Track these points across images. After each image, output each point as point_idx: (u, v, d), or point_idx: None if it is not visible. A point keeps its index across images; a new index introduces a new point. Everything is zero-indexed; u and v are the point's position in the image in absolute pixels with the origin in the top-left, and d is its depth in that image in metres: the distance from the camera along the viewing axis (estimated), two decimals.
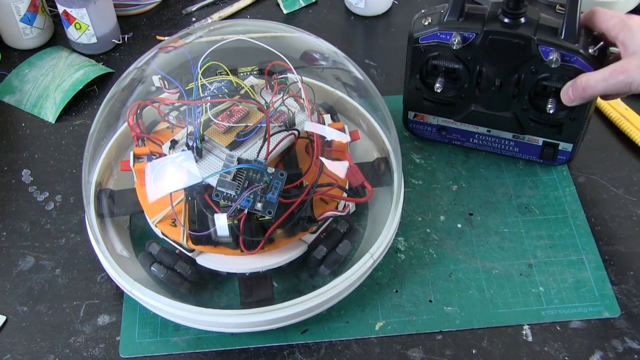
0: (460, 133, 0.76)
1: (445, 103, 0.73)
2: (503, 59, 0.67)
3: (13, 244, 0.72)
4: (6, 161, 0.80)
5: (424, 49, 0.69)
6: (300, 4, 0.99)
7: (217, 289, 0.67)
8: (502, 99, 0.70)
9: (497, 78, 0.68)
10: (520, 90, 0.69)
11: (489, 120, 0.73)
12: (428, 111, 0.75)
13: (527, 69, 0.67)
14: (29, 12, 0.90)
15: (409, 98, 0.75)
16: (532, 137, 0.73)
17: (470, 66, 0.69)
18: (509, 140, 0.74)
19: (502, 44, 0.66)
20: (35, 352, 0.64)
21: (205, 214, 0.61)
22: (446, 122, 0.75)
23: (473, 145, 0.76)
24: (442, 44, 0.68)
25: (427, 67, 0.71)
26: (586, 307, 0.66)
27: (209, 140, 0.64)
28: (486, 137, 0.75)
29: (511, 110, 0.71)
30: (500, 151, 0.76)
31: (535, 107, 0.70)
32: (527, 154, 0.75)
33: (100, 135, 0.72)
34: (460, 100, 0.72)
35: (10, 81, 0.88)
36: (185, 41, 0.72)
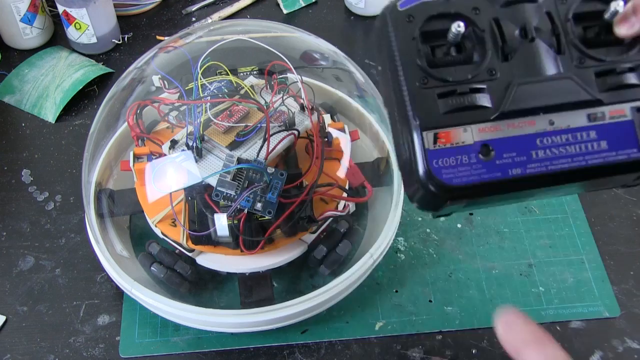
0: (514, 146, 0.43)
1: (476, 90, 0.43)
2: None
3: (13, 244, 0.72)
4: (6, 161, 0.80)
5: (411, 17, 0.44)
6: (300, 4, 0.99)
7: (217, 289, 0.67)
8: (544, 57, 0.44)
9: (524, 22, 0.44)
10: (563, 32, 0.44)
11: (544, 97, 0.43)
12: (454, 120, 0.42)
13: (553, 2, 0.45)
14: (29, 12, 0.90)
15: (418, 108, 0.42)
16: (615, 109, 0.43)
17: (482, 22, 0.44)
18: (586, 130, 0.43)
19: None
20: (35, 352, 0.64)
21: (205, 214, 0.61)
22: (485, 131, 0.42)
23: (538, 168, 0.42)
24: (431, 3, 0.44)
25: (420, 46, 0.44)
26: (586, 307, 0.66)
27: (208, 140, 0.64)
28: (553, 138, 0.43)
29: (564, 72, 0.43)
30: (584, 161, 0.42)
31: (589, 46, 0.44)
32: (621, 147, 0.43)
33: (100, 135, 0.72)
34: (488, 79, 0.43)
35: (10, 81, 0.88)
36: (185, 41, 0.72)
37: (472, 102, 0.42)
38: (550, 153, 0.42)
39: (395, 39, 0.44)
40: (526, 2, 0.44)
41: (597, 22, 0.44)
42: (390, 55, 0.44)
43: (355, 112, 0.76)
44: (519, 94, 0.42)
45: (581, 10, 0.44)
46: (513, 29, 0.44)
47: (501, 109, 0.42)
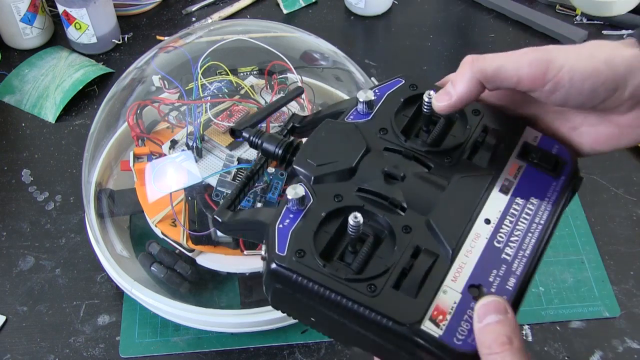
0: (488, 264, 0.39)
1: (413, 266, 0.39)
2: (345, 161, 0.42)
3: (13, 244, 0.72)
4: (6, 161, 0.80)
5: (302, 251, 0.39)
6: (300, 4, 0.99)
7: (217, 289, 0.67)
8: (427, 182, 0.42)
9: (384, 174, 0.42)
10: (413, 153, 0.43)
11: (463, 210, 0.41)
12: (427, 298, 0.38)
13: (379, 141, 0.44)
14: (29, 12, 0.90)
15: (396, 317, 0.37)
16: (509, 168, 0.43)
17: (356, 201, 0.41)
18: (512, 201, 0.42)
19: (330, 146, 0.43)
20: (35, 352, 0.64)
21: (205, 214, 0.61)
22: (456, 277, 0.39)
23: (525, 267, 0.40)
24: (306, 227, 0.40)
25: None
26: (586, 307, 0.66)
27: (209, 140, 0.64)
28: (507, 228, 0.41)
29: (447, 180, 0.42)
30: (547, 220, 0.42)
31: (438, 146, 0.44)
32: (544, 188, 0.42)
33: (100, 135, 0.72)
34: (411, 236, 0.40)
35: (10, 81, 0.88)
36: (185, 41, 0.72)
37: (421, 273, 0.38)
38: (517, 244, 0.40)
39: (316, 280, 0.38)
40: (368, 162, 0.42)
41: (422, 124, 0.44)
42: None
43: None
44: (443, 224, 0.40)
45: (404, 124, 0.44)
46: (385, 186, 0.41)
47: (452, 251, 0.39)
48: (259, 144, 0.45)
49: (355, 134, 0.44)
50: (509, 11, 0.95)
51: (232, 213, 0.43)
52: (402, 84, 0.46)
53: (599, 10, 0.90)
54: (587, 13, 0.92)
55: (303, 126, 0.47)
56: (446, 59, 0.90)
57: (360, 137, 0.43)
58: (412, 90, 0.45)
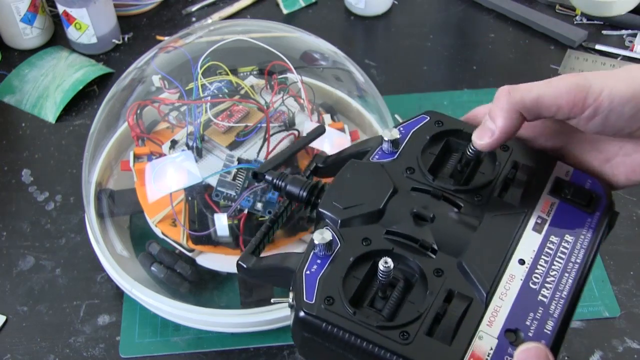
0: (524, 306, 0.39)
1: (457, 310, 0.38)
2: (371, 204, 0.42)
3: (13, 244, 0.72)
4: (6, 161, 0.80)
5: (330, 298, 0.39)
6: (300, 4, 0.99)
7: (217, 289, 0.67)
8: (456, 222, 0.41)
9: (413, 214, 0.41)
10: (441, 192, 0.42)
11: (496, 251, 0.40)
12: (464, 341, 0.37)
13: (408, 182, 0.43)
14: (29, 12, 0.90)
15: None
16: (541, 207, 0.42)
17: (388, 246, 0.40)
18: (545, 240, 0.41)
19: (358, 188, 0.43)
20: (35, 352, 0.64)
21: (205, 214, 0.61)
22: (492, 322, 0.38)
23: (559, 302, 0.41)
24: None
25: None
26: (586, 307, 0.66)
27: (209, 140, 0.64)
28: (538, 270, 0.40)
29: (479, 219, 0.41)
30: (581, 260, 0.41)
31: (470, 185, 0.43)
32: (578, 226, 0.41)
33: (100, 135, 0.72)
34: (443, 282, 0.39)
35: (10, 81, 0.88)
36: (185, 41, 0.72)
37: (455, 318, 0.37)
38: (553, 285, 0.39)
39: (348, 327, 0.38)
40: (396, 203, 0.41)
41: (450, 162, 0.43)
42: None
43: (355, 112, 0.76)
44: (476, 266, 0.39)
45: (431, 163, 0.43)
46: (414, 228, 0.40)
47: (486, 295, 0.38)
48: (283, 186, 0.44)
49: (382, 174, 0.43)
50: (509, 11, 0.95)
51: (257, 258, 0.42)
52: (427, 120, 0.45)
53: (599, 10, 0.90)
54: (587, 13, 0.92)
55: (327, 166, 0.46)
56: (446, 59, 0.90)
57: (387, 178, 0.42)
58: (438, 127, 0.45)
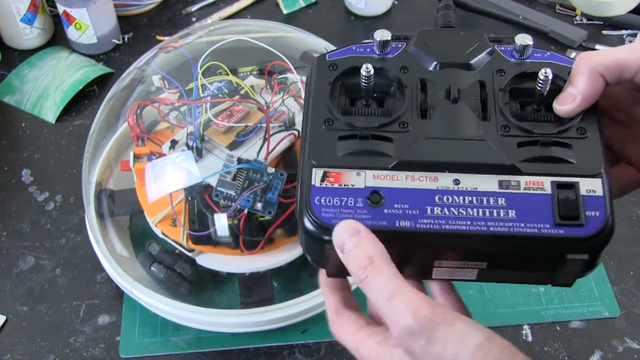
0: (409, 198, 0.40)
1: (379, 138, 0.42)
2: (453, 57, 0.44)
3: (13, 244, 0.72)
4: (6, 161, 0.80)
5: (334, 65, 0.45)
6: (300, 4, 0.99)
7: (217, 289, 0.67)
8: (466, 119, 0.42)
9: (451, 85, 0.43)
10: (492, 100, 0.43)
11: (454, 154, 0.41)
12: (348, 162, 0.41)
13: (490, 71, 0.44)
14: (29, 12, 0.90)
15: (314, 144, 0.42)
16: (533, 180, 0.40)
17: (408, 79, 0.44)
18: (494, 195, 0.40)
19: (448, 38, 0.46)
20: (35, 352, 0.64)
21: (205, 214, 0.61)
22: (380, 179, 0.40)
23: (431, 225, 0.39)
24: (360, 58, 0.45)
25: (338, 92, 0.44)
26: (586, 307, 0.66)
27: (209, 140, 0.64)
28: (455, 197, 0.40)
29: (483, 136, 0.41)
30: (485, 227, 0.39)
31: (518, 118, 0.42)
32: (534, 220, 0.39)
33: (100, 135, 0.72)
34: (399, 131, 0.42)
35: (10, 81, 0.88)
36: (185, 41, 0.72)
37: (371, 148, 0.41)
38: (448, 212, 0.39)
39: (314, 83, 0.44)
40: (461, 68, 0.44)
41: (533, 99, 0.43)
42: (307, 97, 0.44)
43: None
44: (426, 147, 0.41)
45: (517, 85, 0.43)
46: (437, 89, 0.43)
47: (399, 159, 0.40)
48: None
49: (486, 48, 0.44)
50: (509, 11, 0.95)
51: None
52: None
53: (599, 10, 0.90)
54: (587, 13, 0.92)
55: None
56: None
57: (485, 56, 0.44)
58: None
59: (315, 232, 0.39)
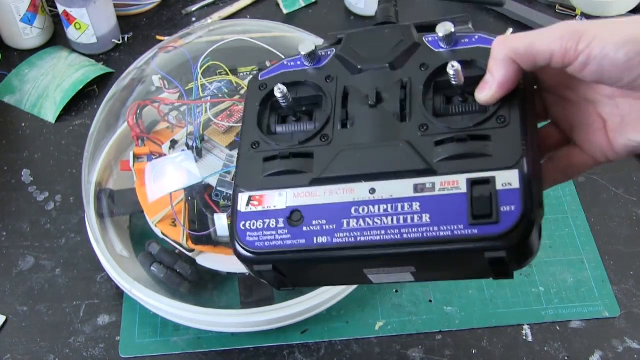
0: (326, 213, 0.40)
1: (300, 155, 0.42)
2: (375, 59, 0.44)
3: (13, 244, 0.72)
4: (6, 161, 0.80)
5: (264, 85, 0.45)
6: (300, 4, 0.99)
7: (217, 289, 0.67)
8: (385, 123, 0.42)
9: (372, 89, 0.43)
10: (410, 99, 0.42)
11: (371, 164, 0.41)
12: (271, 183, 0.42)
13: (413, 67, 0.43)
14: (29, 12, 0.90)
15: (240, 169, 0.43)
16: (448, 180, 0.39)
17: (331, 89, 0.44)
18: (409, 201, 0.39)
19: (373, 38, 0.45)
20: (35, 352, 0.64)
21: (205, 214, 0.61)
22: (300, 197, 0.41)
23: (347, 238, 0.39)
24: (289, 72, 0.46)
25: (269, 112, 0.45)
26: (586, 307, 0.66)
27: (209, 140, 0.64)
28: (370, 207, 0.39)
29: (401, 139, 0.41)
30: (399, 235, 0.38)
31: (438, 114, 0.42)
32: (447, 222, 0.38)
33: (100, 135, 0.72)
34: (321, 145, 0.42)
35: (10, 81, 0.88)
36: (185, 41, 0.72)
37: (291, 167, 0.41)
38: (364, 223, 0.39)
39: (246, 106, 0.45)
40: (383, 69, 0.43)
41: (455, 91, 0.41)
42: (242, 120, 0.45)
43: None
44: (343, 159, 0.41)
45: (438, 78, 0.42)
46: (359, 95, 0.43)
47: (317, 175, 0.41)
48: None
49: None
50: (509, 11, 0.95)
51: None
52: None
53: (599, 10, 0.91)
54: (587, 13, 0.92)
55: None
56: None
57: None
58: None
59: (244, 256, 0.40)
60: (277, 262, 0.40)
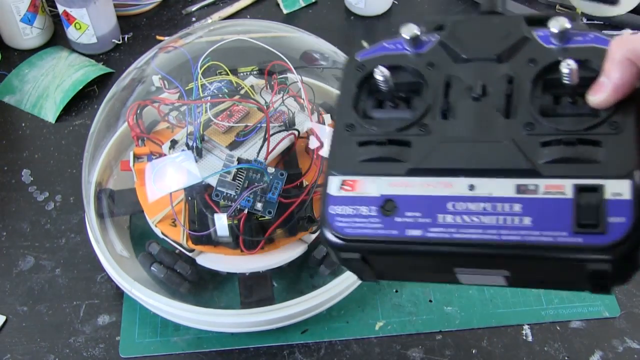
0: (421, 205, 0.39)
1: (397, 142, 0.41)
2: (482, 50, 0.42)
3: (13, 244, 0.72)
4: (6, 161, 0.80)
5: (362, 66, 0.44)
6: (300, 4, 0.99)
7: (217, 289, 0.67)
8: (488, 118, 0.40)
9: (477, 81, 0.41)
10: (517, 95, 0.40)
11: (472, 159, 0.39)
12: (365, 169, 0.41)
13: (521, 61, 0.41)
14: (29, 12, 0.90)
15: (333, 151, 0.42)
16: (553, 184, 0.37)
17: (433, 77, 0.42)
18: (510, 201, 0.38)
19: (480, 28, 0.44)
20: (35, 352, 0.64)
21: (205, 214, 0.61)
22: (395, 186, 0.40)
23: (441, 234, 0.38)
24: (389, 55, 0.44)
25: (366, 94, 0.44)
26: (586, 307, 0.66)
27: (209, 140, 0.64)
28: (468, 204, 0.38)
29: (505, 136, 0.39)
30: (497, 236, 0.37)
31: (546, 114, 0.39)
32: (550, 228, 0.36)
33: (100, 135, 0.72)
34: (419, 134, 0.41)
35: (10, 81, 0.88)
36: (185, 41, 0.72)
37: (388, 154, 0.40)
38: (460, 220, 0.37)
39: (341, 86, 0.43)
40: (489, 61, 0.41)
41: (566, 90, 0.39)
42: (337, 101, 0.44)
43: None
44: (442, 152, 0.39)
45: (547, 76, 0.40)
46: (462, 86, 0.41)
47: (414, 166, 0.39)
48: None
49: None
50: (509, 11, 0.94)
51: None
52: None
53: (599, 10, 0.90)
54: (587, 13, 0.92)
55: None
56: None
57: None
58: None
59: (332, 242, 0.39)
60: (365, 251, 0.39)
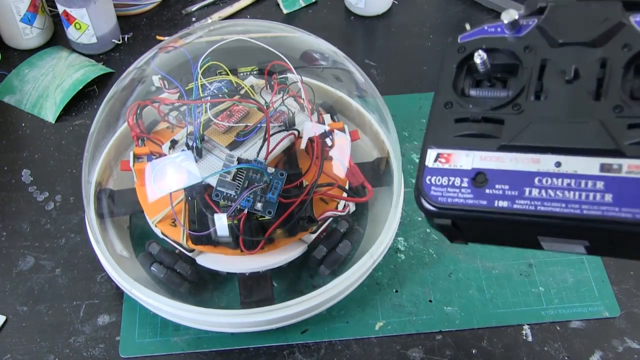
0: (510, 179, 0.42)
1: (491, 120, 0.44)
2: (577, 35, 0.44)
3: (13, 244, 0.72)
4: (6, 161, 0.80)
5: (463, 48, 0.47)
6: (300, 4, 0.99)
7: (217, 289, 0.67)
8: (579, 100, 0.43)
9: (571, 65, 0.43)
10: (608, 79, 0.42)
11: (560, 138, 0.42)
12: (460, 144, 0.45)
13: (615, 46, 0.42)
14: (29, 12, 0.90)
15: (432, 126, 0.46)
16: (636, 164, 0.39)
17: (528, 59, 0.45)
18: (593, 179, 0.40)
19: (578, 13, 0.45)
20: (35, 352, 0.64)
21: (205, 214, 0.61)
22: (486, 160, 0.44)
23: (527, 206, 0.41)
24: (489, 38, 0.47)
25: (464, 74, 0.47)
26: (586, 307, 0.66)
27: (209, 140, 0.64)
28: (554, 179, 0.41)
29: (594, 118, 0.41)
30: (579, 210, 0.40)
31: (636, 98, 0.41)
32: (630, 205, 0.39)
33: (100, 135, 0.72)
34: (512, 113, 0.44)
35: (10, 81, 0.88)
36: (185, 41, 0.72)
37: (482, 130, 0.44)
38: (545, 194, 0.41)
39: (442, 65, 0.47)
40: (584, 45, 0.43)
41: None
42: (437, 79, 0.47)
43: (355, 112, 0.76)
44: (533, 130, 0.43)
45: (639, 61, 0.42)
46: (556, 69, 0.44)
47: (506, 142, 0.43)
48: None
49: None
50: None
51: None
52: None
53: None
54: None
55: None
56: None
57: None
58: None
59: (427, 209, 0.43)
60: (456, 218, 0.43)
